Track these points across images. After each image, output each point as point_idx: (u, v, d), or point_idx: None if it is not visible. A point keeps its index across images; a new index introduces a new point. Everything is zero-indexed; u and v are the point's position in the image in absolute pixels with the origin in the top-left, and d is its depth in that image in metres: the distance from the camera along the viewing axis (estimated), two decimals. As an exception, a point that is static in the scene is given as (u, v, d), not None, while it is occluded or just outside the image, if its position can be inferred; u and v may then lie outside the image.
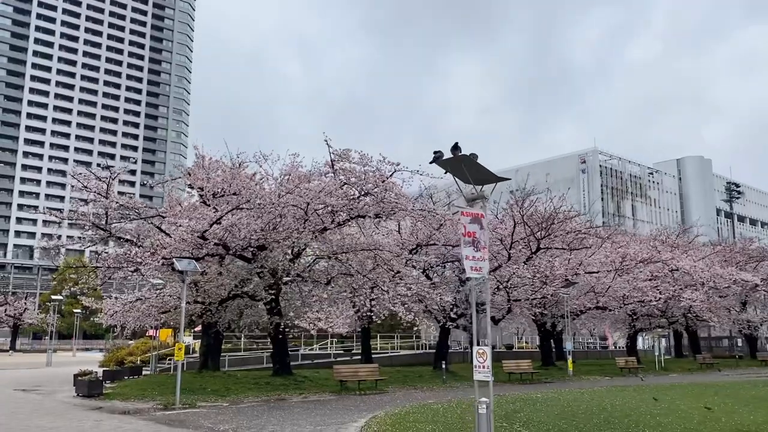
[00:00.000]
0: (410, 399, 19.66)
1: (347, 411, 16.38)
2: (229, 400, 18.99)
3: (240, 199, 20.33)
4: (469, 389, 23.25)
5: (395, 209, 22.74)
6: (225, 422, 14.08)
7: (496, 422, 13.10)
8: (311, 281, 23.62)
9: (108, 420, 14.62)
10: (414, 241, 29.30)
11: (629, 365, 33.74)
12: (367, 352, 33.37)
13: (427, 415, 14.68)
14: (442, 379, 25.39)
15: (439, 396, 20.62)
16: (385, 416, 14.72)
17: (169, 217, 21.01)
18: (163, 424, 13.88)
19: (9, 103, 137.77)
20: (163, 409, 16.98)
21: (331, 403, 18.53)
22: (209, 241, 20.29)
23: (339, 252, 23.59)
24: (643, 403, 17.45)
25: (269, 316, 23.65)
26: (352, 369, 22.89)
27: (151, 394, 20.06)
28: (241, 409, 16.73)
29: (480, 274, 9.57)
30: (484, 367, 9.31)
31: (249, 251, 22.04)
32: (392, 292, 22.86)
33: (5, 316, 67.00)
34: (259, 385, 22.68)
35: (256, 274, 23.37)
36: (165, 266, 20.32)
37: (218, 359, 28.77)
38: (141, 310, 23.16)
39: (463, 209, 9.51)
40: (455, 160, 9.31)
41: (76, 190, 23.70)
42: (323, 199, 20.51)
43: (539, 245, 29.71)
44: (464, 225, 9.39)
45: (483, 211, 9.64)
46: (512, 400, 18.22)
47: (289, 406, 17.50)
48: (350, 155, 22.46)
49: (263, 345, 39.63)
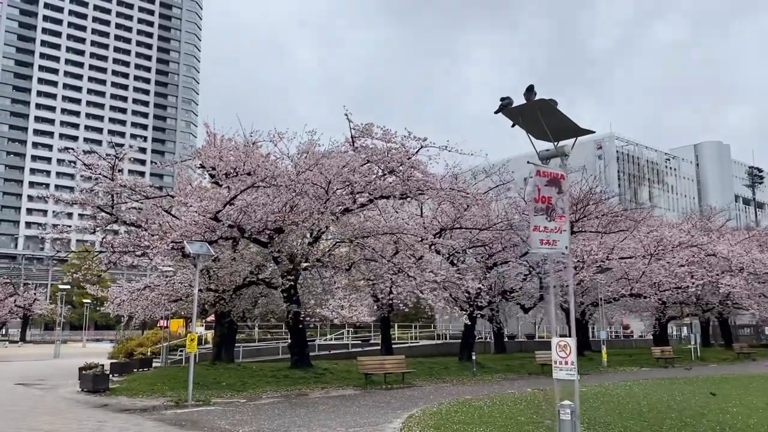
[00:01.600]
0: (443, 394, 17.96)
1: (378, 408, 14.70)
2: (246, 396, 17.38)
3: (255, 178, 18.61)
4: (504, 383, 21.53)
5: (422, 189, 20.96)
6: (243, 423, 12.43)
7: (550, 421, 11.36)
8: (332, 267, 21.90)
9: (112, 420, 13.01)
10: (437, 225, 27.51)
11: (665, 355, 31.89)
12: (387, 342, 31.69)
13: (471, 414, 12.95)
14: (472, 372, 23.69)
15: (474, 391, 18.90)
16: (423, 415, 13.02)
17: (179, 197, 19.31)
18: (174, 426, 12.26)
19: (18, 93, 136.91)
20: (175, 406, 15.37)
21: (358, 399, 16.86)
22: (223, 223, 18.61)
23: (360, 236, 21.88)
24: (706, 398, 15.65)
25: (287, 304, 21.99)
26: (378, 361, 21.21)
27: (161, 389, 18.49)
28: (260, 407, 15.09)
29: (553, 248, 7.80)
30: (567, 363, 7.57)
31: (265, 234, 20.34)
32: (419, 278, 21.13)
33: (15, 307, 66.00)
34: (277, 378, 21.08)
35: (272, 259, 21.70)
36: (175, 250, 18.69)
37: (232, 350, 27.22)
38: (150, 298, 21.56)
39: (539, 167, 7.70)
40: (530, 107, 7.51)
41: (81, 172, 22.10)
42: (346, 176, 18.77)
43: (573, 228, 27.80)
44: (538, 187, 7.60)
45: (563, 171, 7.84)
46: (560, 395, 16.42)
47: (313, 403, 15.84)
48: (372, 131, 20.68)
49: (278, 335, 38.12)
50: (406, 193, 21.32)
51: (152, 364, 27.15)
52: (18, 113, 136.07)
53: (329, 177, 18.71)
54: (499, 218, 25.96)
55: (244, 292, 25.88)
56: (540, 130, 7.72)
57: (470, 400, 15.68)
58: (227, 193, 18.37)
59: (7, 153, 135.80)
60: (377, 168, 20.95)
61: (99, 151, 22.98)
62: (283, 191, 18.80)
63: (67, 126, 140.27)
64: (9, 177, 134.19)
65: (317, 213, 19.02)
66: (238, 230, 19.52)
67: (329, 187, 19.10)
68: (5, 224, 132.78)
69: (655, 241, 31.06)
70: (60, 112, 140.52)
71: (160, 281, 21.03)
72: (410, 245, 23.10)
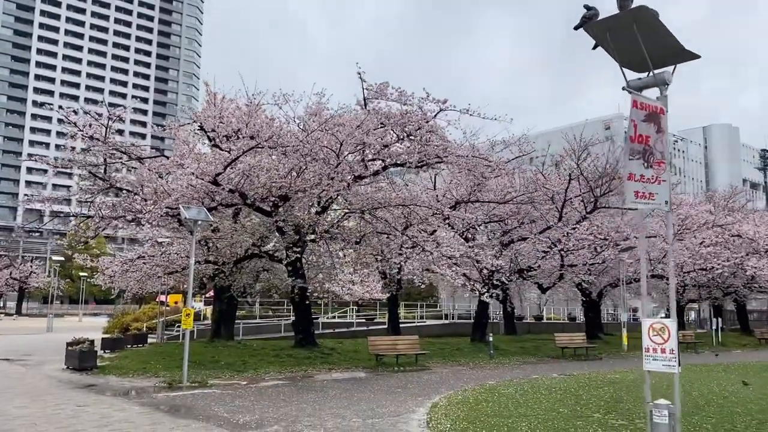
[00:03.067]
0: (462, 378, 16.39)
1: (394, 394, 13.11)
2: (247, 377, 15.81)
3: (259, 140, 16.83)
4: (526, 367, 19.97)
5: (441, 156, 19.19)
6: (244, 410, 10.84)
7: (599, 415, 9.77)
8: (341, 239, 20.20)
9: (95, 405, 11.42)
10: (452, 198, 25.74)
11: (686, 339, 30.33)
12: (395, 321, 30.09)
13: (504, 405, 11.35)
14: (489, 355, 22.11)
15: (496, 375, 17.33)
16: (449, 405, 11.43)
17: (174, 158, 17.55)
18: (164, 413, 10.66)
19: (16, 63, 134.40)
20: (168, 388, 13.80)
21: (370, 382, 15.28)
22: (222, 187, 16.88)
23: (371, 207, 20.17)
24: (762, 390, 14.08)
25: (291, 279, 20.35)
26: (390, 342, 19.62)
27: (154, 367, 16.93)
28: (263, 391, 13.50)
29: (650, 202, 6.08)
30: (664, 352, 5.88)
31: (269, 202, 18.60)
32: (436, 253, 19.46)
33: (11, 280, 64.60)
34: (280, 358, 19.53)
35: (276, 230, 20.02)
36: (170, 217, 17.00)
37: (232, 327, 25.63)
38: (143, 270, 19.90)
39: (637, 96, 5.93)
40: (623, 18, 5.74)
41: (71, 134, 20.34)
42: (359, 137, 16.98)
43: (596, 204, 26.08)
44: (634, 123, 5.86)
45: (663, 105, 6.08)
46: (598, 384, 14.83)
47: (321, 387, 14.26)
48: (387, 92, 18.87)
49: (279, 312, 36.60)
50: (423, 161, 19.57)
51: (147, 341, 25.61)
52: (16, 84, 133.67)
53: (341, 138, 16.92)
54: (519, 192, 24.18)
55: (245, 266, 24.24)
56: (632, 52, 5.95)
57: (496, 387, 14.10)
58: (228, 155, 16.59)
59: (5, 125, 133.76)
60: (393, 132, 19.21)
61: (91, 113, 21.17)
62: (290, 154, 17.04)
63: (66, 98, 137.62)
64: (7, 149, 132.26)
65: (327, 179, 17.27)
66: (239, 196, 17.79)
67: (341, 149, 17.32)
68: (3, 197, 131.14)
69: (679, 220, 29.33)
70: (59, 83, 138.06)
71: (155, 251, 19.32)
72: (424, 218, 21.44)
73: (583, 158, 25.23)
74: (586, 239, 23.60)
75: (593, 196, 25.65)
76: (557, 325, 47.50)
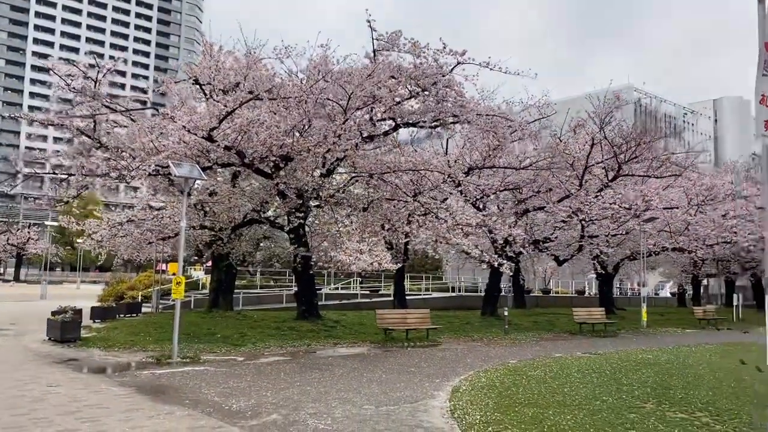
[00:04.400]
0: (479, 356, 14.99)
1: (408, 375, 11.70)
2: (245, 353, 14.42)
3: (259, 91, 15.16)
4: (545, 344, 18.57)
5: (458, 114, 17.51)
6: (239, 393, 9.42)
7: (651, 405, 8.35)
8: (347, 205, 18.62)
9: (68, 384, 10.02)
10: (464, 164, 24.08)
11: (707, 316, 28.97)
12: (401, 294, 28.72)
13: (535, 389, 9.93)
14: (504, 330, 20.71)
15: (515, 354, 15.92)
16: (473, 389, 10.01)
17: (165, 110, 15.90)
18: (146, 395, 9.24)
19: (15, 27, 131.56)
20: (155, 364, 12.42)
21: (380, 360, 13.87)
22: (218, 144, 15.24)
23: (380, 172, 18.56)
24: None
25: (295, 247, 18.87)
26: (400, 315, 18.20)
27: (144, 340, 15.56)
28: (262, 369, 12.10)
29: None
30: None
31: (269, 163, 16.98)
32: (450, 220, 17.92)
33: (8, 245, 63.36)
34: (281, 330, 18.16)
35: (277, 194, 18.46)
36: (161, 176, 15.44)
37: (231, 297, 24.29)
38: (134, 235, 18.40)
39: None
40: None
41: (60, 88, 18.70)
42: (369, 89, 15.30)
43: (619, 171, 24.44)
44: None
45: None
46: (633, 365, 13.37)
47: (326, 364, 12.85)
48: (400, 42, 17.10)
49: (281, 282, 35.29)
50: (438, 119, 17.92)
51: (141, 310, 24.29)
52: (15, 48, 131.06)
53: (349, 90, 15.24)
54: (541, 157, 22.53)
55: (244, 233, 22.80)
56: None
57: (521, 368, 12.67)
58: (224, 107, 14.93)
59: (4, 89, 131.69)
60: (405, 88, 17.50)
61: (79, 66, 19.47)
62: (293, 108, 15.38)
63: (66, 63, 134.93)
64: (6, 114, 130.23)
65: (333, 136, 15.63)
66: (236, 155, 16.17)
67: (348, 104, 15.64)
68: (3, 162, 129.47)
69: (704, 190, 27.72)
70: (59, 48, 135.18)
71: (146, 215, 17.80)
72: (436, 185, 19.86)
73: (606, 122, 23.49)
74: (609, 208, 22.01)
75: (617, 162, 23.99)
76: (565, 299, 46.22)
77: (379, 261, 15.84)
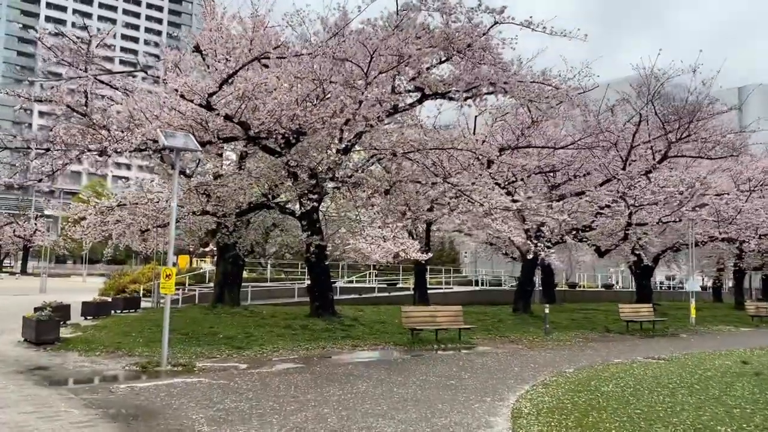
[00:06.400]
0: (528, 364, 12.65)
1: (449, 390, 9.39)
2: (249, 358, 12.20)
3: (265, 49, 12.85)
4: (596, 347, 16.16)
5: (496, 80, 15.08)
6: (235, 419, 7.18)
7: None
8: (368, 187, 16.26)
9: (20, 403, 7.81)
10: (495, 143, 21.63)
11: (760, 312, 26.37)
12: (423, 288, 26.56)
13: (620, 412, 7.59)
14: (544, 330, 18.32)
15: (566, 359, 13.57)
16: (539, 412, 7.69)
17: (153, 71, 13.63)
18: (113, 421, 7.02)
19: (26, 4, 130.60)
20: (139, 374, 10.22)
21: (410, 368, 11.57)
22: (218, 113, 12.95)
23: (405, 151, 16.23)
24: None
25: (307, 235, 16.60)
26: (428, 313, 15.85)
27: (133, 342, 13.39)
28: (268, 381, 9.84)
29: None
30: None
31: (278, 137, 14.65)
32: (487, 204, 15.56)
33: (14, 237, 61.77)
34: (293, 330, 15.93)
35: (287, 174, 16.17)
36: (151, 152, 13.20)
37: (238, 291, 22.13)
38: (126, 222, 16.21)
39: None
40: None
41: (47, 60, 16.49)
42: (396, 46, 12.93)
43: (667, 151, 21.88)
44: None
45: None
46: (720, 374, 10.91)
47: (346, 375, 10.56)
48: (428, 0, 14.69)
49: (293, 274, 33.05)
50: (473, 86, 15.49)
51: (140, 305, 22.21)
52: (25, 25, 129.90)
53: (371, 48, 12.88)
54: (585, 133, 20.08)
55: (252, 220, 20.59)
56: None
57: (585, 380, 10.32)
58: (224, 67, 12.62)
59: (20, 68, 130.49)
60: (435, 52, 15.11)
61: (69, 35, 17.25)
62: (305, 70, 13.03)
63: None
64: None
65: (353, 102, 13.29)
66: (239, 127, 13.88)
67: (371, 64, 13.28)
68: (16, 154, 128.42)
69: (760, 173, 25.09)
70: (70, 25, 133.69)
71: (137, 198, 15.58)
72: (466, 166, 17.49)
73: (656, 96, 20.95)
74: (662, 192, 19.48)
75: (667, 141, 21.44)
76: (593, 294, 43.70)
77: (405, 250, 13.50)
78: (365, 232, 13.98)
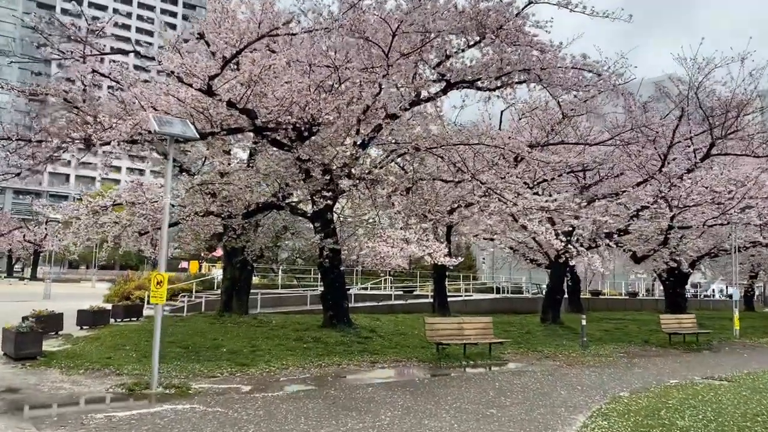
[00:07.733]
0: (575, 387, 10.98)
1: (492, 422, 7.78)
2: (254, 378, 10.66)
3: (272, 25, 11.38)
4: (642, 362, 14.39)
5: (533, 65, 13.50)
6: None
7: None
8: (387, 185, 14.70)
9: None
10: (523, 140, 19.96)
11: (807, 324, 24.44)
12: (442, 295, 24.92)
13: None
14: (581, 344, 16.61)
15: (615, 379, 11.88)
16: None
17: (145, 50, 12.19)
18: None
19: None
20: (125, 396, 8.72)
21: (440, 392, 9.95)
22: (220, 99, 11.49)
23: (429, 146, 14.68)
24: None
25: (320, 238, 15.07)
26: (455, 325, 14.20)
27: (124, 358, 11.91)
28: (273, 409, 8.29)
29: None
30: None
31: (288, 130, 13.17)
32: (521, 203, 13.94)
33: (24, 242, 60.92)
34: (303, 342, 14.40)
35: (299, 170, 14.66)
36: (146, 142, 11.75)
37: (246, 299, 20.65)
38: (122, 223, 14.77)
39: None
40: None
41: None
42: (421, 21, 11.37)
43: (711, 148, 20.13)
44: None
45: None
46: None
47: (367, 401, 8.98)
48: (454, -22, 13.14)
49: (305, 281, 31.54)
50: (504, 73, 13.90)
51: (143, 313, 20.77)
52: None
53: (393, 25, 11.35)
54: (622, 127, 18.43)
55: (262, 223, 19.12)
56: None
57: (650, 408, 8.64)
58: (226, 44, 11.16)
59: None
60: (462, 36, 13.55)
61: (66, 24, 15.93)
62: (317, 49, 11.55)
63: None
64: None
65: (372, 86, 11.77)
66: (244, 115, 12.40)
67: (392, 46, 11.74)
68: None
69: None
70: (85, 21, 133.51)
71: (134, 197, 14.14)
72: (493, 163, 15.90)
73: (700, 87, 19.23)
74: (709, 192, 17.75)
75: (711, 137, 19.69)
76: (618, 302, 41.70)
77: (431, 253, 11.92)
78: (386, 233, 12.37)
